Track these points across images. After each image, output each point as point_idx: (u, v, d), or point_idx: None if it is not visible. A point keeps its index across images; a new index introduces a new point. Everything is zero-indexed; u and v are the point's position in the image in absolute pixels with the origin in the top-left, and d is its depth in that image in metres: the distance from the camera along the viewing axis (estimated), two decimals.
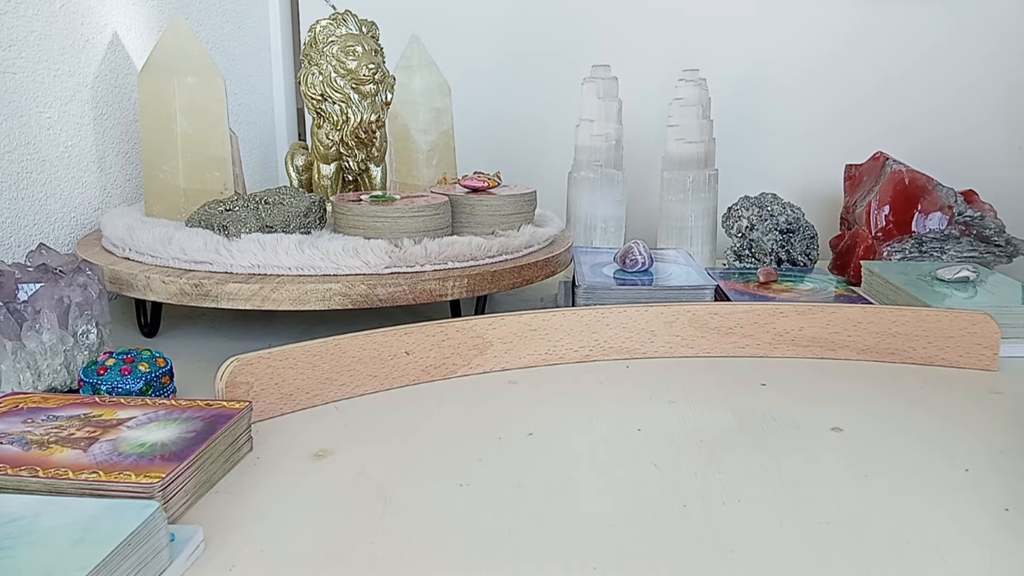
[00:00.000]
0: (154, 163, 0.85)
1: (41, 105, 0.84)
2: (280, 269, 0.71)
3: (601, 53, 1.10)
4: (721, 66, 1.18)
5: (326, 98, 0.85)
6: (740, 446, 0.52)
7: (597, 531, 0.42)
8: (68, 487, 0.41)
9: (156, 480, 0.41)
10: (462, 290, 0.73)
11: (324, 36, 0.84)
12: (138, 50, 1.00)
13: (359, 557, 0.40)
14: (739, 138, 1.21)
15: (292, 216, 0.76)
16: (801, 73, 1.20)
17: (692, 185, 1.02)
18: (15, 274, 0.61)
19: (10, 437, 0.46)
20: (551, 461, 0.50)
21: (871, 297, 0.84)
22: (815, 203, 1.17)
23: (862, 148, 1.06)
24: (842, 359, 0.70)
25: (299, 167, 0.95)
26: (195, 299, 0.69)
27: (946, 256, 0.92)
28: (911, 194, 0.94)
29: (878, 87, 1.18)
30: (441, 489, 0.46)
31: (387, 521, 0.43)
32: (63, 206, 0.88)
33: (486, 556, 0.40)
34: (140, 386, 0.57)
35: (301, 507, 0.45)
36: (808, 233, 1.01)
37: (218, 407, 0.51)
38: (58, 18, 0.86)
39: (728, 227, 1.03)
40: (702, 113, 1.03)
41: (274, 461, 0.50)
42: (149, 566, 0.36)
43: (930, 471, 0.48)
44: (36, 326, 0.59)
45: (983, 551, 0.39)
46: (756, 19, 1.19)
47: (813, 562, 0.39)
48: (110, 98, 0.95)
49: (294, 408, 0.58)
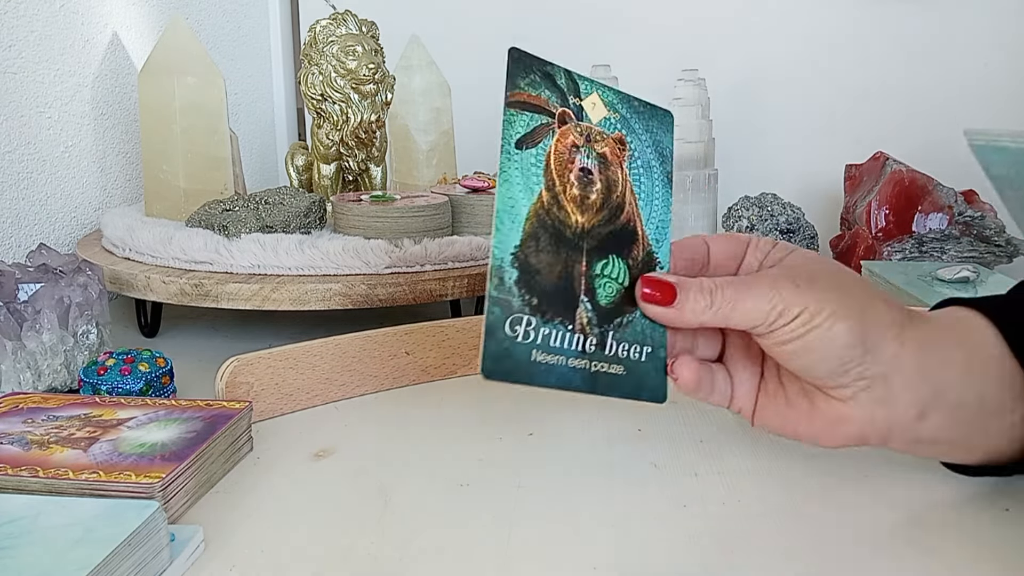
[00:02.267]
0: (154, 163, 0.85)
1: (41, 105, 0.84)
2: (280, 269, 0.71)
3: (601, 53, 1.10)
4: (720, 66, 1.18)
5: (326, 98, 0.85)
6: (740, 446, 0.52)
7: (597, 531, 0.42)
8: (68, 487, 0.41)
9: (156, 480, 0.41)
10: (462, 290, 0.73)
11: (324, 36, 0.84)
12: (138, 50, 1.00)
13: (359, 557, 0.40)
14: (739, 138, 1.21)
15: (292, 216, 0.76)
16: (801, 73, 1.20)
17: (692, 185, 1.02)
18: (15, 274, 0.61)
19: (10, 437, 0.46)
20: (551, 461, 0.50)
21: None
22: (815, 203, 1.17)
23: (862, 148, 1.06)
24: None
25: (299, 167, 0.95)
26: (195, 299, 0.69)
27: (946, 256, 0.92)
28: (911, 194, 0.94)
29: (878, 87, 1.18)
30: (441, 489, 0.46)
31: (387, 521, 0.43)
32: (63, 206, 0.88)
33: (486, 556, 0.40)
34: (140, 386, 0.57)
35: (301, 507, 0.45)
36: (808, 233, 1.01)
37: (218, 407, 0.51)
38: (58, 18, 0.86)
39: (728, 227, 1.03)
40: (701, 113, 1.03)
41: (274, 461, 0.50)
42: (149, 566, 0.36)
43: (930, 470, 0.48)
44: (36, 326, 0.59)
45: (983, 551, 0.39)
46: (756, 19, 1.19)
47: (814, 562, 0.39)
48: (110, 98, 0.95)
49: (294, 408, 0.58)
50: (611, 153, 0.41)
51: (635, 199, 0.42)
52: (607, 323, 0.40)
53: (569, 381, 0.40)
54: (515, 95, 0.39)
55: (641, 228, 0.42)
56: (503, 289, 0.38)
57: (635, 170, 0.42)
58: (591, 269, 0.40)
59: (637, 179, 0.42)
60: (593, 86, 0.42)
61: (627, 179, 0.42)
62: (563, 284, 0.39)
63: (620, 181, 0.42)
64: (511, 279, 0.38)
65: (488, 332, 0.38)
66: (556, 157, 0.40)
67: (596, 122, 0.41)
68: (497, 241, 0.38)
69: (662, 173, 0.44)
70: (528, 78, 0.39)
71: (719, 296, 0.40)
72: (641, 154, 0.43)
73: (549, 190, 0.39)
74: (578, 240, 0.40)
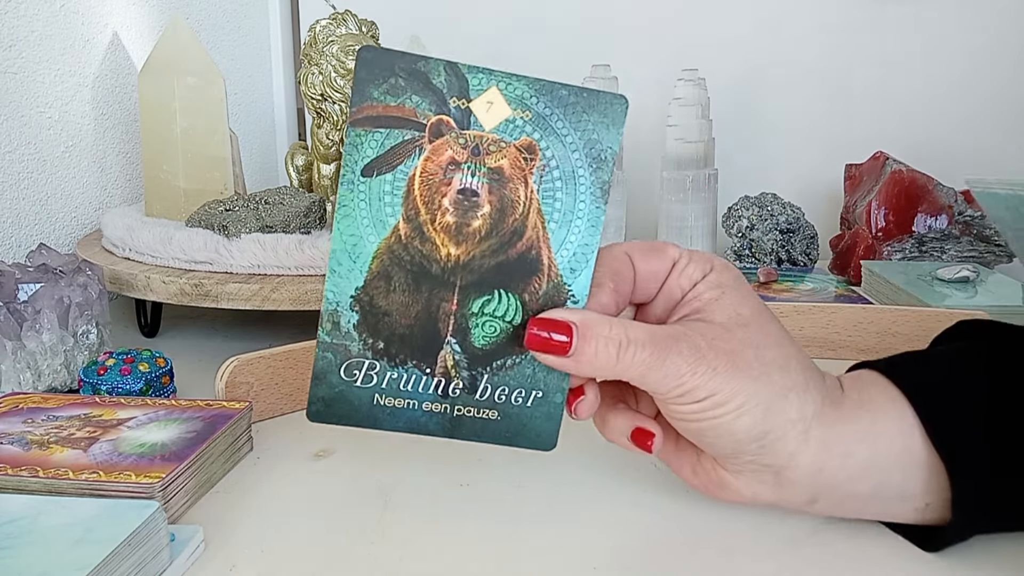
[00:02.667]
0: (154, 163, 0.85)
1: (42, 105, 0.84)
2: (280, 269, 0.71)
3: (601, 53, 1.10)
4: (720, 66, 1.18)
5: (326, 98, 0.85)
6: None
7: (597, 531, 0.42)
8: (68, 487, 0.41)
9: (156, 480, 0.41)
10: None
11: (324, 36, 0.84)
12: (138, 50, 1.00)
13: (359, 557, 0.40)
14: (739, 138, 1.21)
15: (292, 216, 0.76)
16: (801, 73, 1.20)
17: (692, 185, 1.02)
18: (15, 274, 0.61)
19: (10, 437, 0.46)
20: (551, 461, 0.50)
21: (871, 297, 0.84)
22: (815, 203, 1.17)
23: (862, 148, 1.06)
24: (842, 359, 0.70)
25: (299, 167, 0.95)
26: (195, 299, 0.69)
27: (946, 256, 0.92)
28: (911, 194, 0.94)
29: (878, 87, 1.18)
30: (441, 489, 0.46)
31: (387, 521, 0.43)
32: (64, 206, 0.88)
33: (486, 556, 0.40)
34: (140, 386, 0.57)
35: (301, 507, 0.45)
36: (808, 233, 1.01)
37: (218, 407, 0.51)
38: (58, 18, 0.86)
39: (728, 227, 1.03)
40: (701, 113, 1.03)
41: (274, 461, 0.50)
42: (149, 566, 0.36)
43: None
44: (36, 326, 0.59)
45: (982, 550, 0.39)
46: (756, 19, 1.19)
47: (814, 559, 0.39)
48: (110, 98, 0.95)
49: (294, 408, 0.58)
50: (511, 166, 0.34)
51: (542, 221, 0.35)
52: (481, 365, 0.36)
53: (421, 425, 0.37)
54: (363, 109, 0.33)
55: (548, 256, 0.35)
56: (338, 334, 0.35)
57: (549, 184, 0.35)
58: (465, 307, 0.35)
59: (550, 195, 0.35)
60: (491, 78, 0.34)
61: (533, 197, 0.35)
62: (422, 325, 0.35)
63: (522, 200, 0.35)
64: (349, 323, 0.35)
65: (316, 377, 0.35)
66: (423, 180, 0.34)
67: (493, 127, 0.34)
68: (331, 284, 0.34)
69: (592, 184, 0.35)
70: (384, 84, 0.33)
71: (629, 356, 0.35)
72: (562, 162, 0.35)
73: (409, 221, 0.34)
74: (448, 275, 0.35)
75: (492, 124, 0.34)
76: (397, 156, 0.33)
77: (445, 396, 0.37)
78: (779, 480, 0.38)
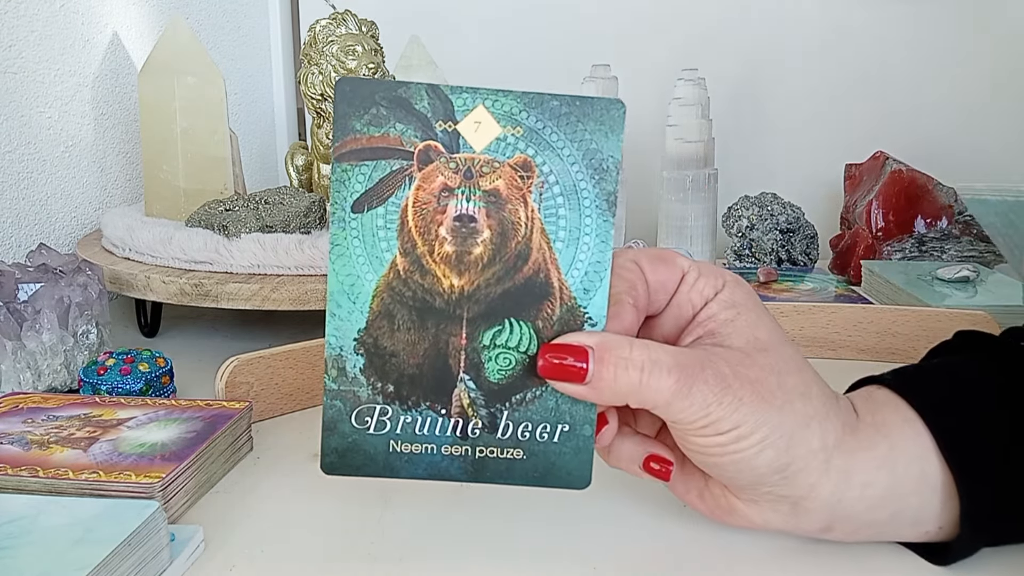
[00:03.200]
0: (154, 163, 0.85)
1: (41, 105, 0.84)
2: (280, 269, 0.71)
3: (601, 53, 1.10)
4: (720, 65, 1.18)
5: (326, 98, 0.85)
6: None
7: (597, 531, 0.42)
8: (68, 487, 0.41)
9: (156, 480, 0.41)
10: None
11: (324, 36, 0.84)
12: (138, 50, 1.00)
13: (359, 557, 0.40)
14: (739, 138, 1.21)
15: (292, 216, 0.76)
16: (801, 73, 1.20)
17: (692, 185, 1.02)
18: (15, 274, 0.61)
19: (10, 437, 0.46)
20: None
21: (871, 297, 0.84)
22: (815, 203, 1.17)
23: (862, 148, 1.06)
24: (842, 359, 0.70)
25: (299, 167, 0.95)
26: (195, 299, 0.69)
27: (946, 256, 0.92)
28: (911, 194, 0.94)
29: (878, 87, 1.18)
30: (441, 489, 0.46)
31: (387, 521, 0.43)
32: (64, 206, 0.88)
33: (486, 556, 0.40)
34: (140, 386, 0.57)
35: (301, 507, 0.45)
36: (808, 233, 1.01)
37: (218, 407, 0.51)
38: (58, 18, 0.86)
39: (728, 227, 1.03)
40: (701, 113, 1.03)
41: (274, 461, 0.50)
42: (149, 566, 0.36)
43: None
44: (36, 326, 0.59)
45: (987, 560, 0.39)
46: (756, 18, 1.19)
47: (813, 559, 0.39)
48: (110, 98, 0.95)
49: (294, 408, 0.58)
50: (508, 186, 0.32)
51: (548, 241, 0.33)
52: (499, 401, 0.34)
53: (443, 471, 0.35)
54: (346, 143, 0.31)
55: (558, 278, 0.33)
56: (344, 380, 0.33)
57: (550, 201, 0.33)
58: (475, 341, 0.33)
59: (553, 213, 0.33)
60: (477, 97, 0.32)
61: (535, 216, 0.33)
62: (431, 364, 0.33)
63: (523, 221, 0.33)
64: (355, 367, 0.33)
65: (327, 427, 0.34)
66: (416, 210, 0.32)
67: (484, 147, 0.32)
68: (332, 328, 0.32)
69: (597, 196, 0.33)
70: (366, 115, 0.31)
71: (653, 381, 0.32)
72: (562, 176, 0.33)
73: (407, 254, 0.32)
74: (454, 308, 0.33)
75: (482, 144, 0.32)
76: (387, 188, 0.32)
77: (465, 437, 0.34)
78: (795, 510, 0.37)
